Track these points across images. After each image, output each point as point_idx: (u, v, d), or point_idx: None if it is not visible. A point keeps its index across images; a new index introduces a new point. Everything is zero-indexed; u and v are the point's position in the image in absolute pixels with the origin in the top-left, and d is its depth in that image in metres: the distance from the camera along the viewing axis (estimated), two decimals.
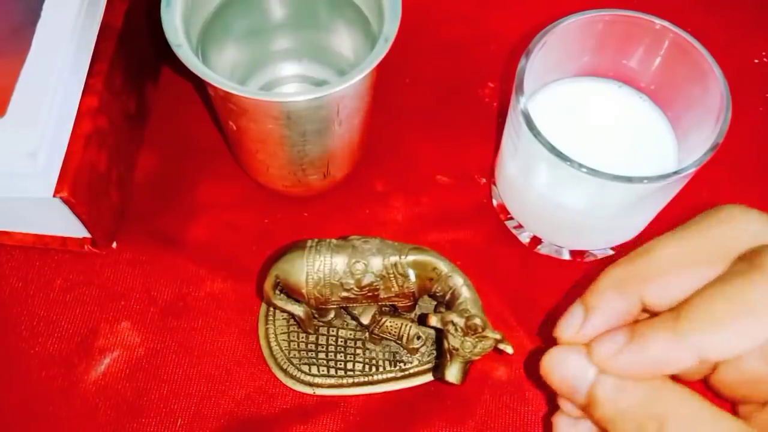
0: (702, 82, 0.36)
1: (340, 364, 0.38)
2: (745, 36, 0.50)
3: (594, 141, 0.38)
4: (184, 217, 0.43)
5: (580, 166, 0.33)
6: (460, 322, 0.33)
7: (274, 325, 0.39)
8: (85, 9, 0.38)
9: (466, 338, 0.33)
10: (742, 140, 0.43)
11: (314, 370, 0.38)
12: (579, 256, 0.42)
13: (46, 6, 0.38)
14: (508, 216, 0.42)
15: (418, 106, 0.47)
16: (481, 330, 0.32)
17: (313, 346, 0.39)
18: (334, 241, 0.35)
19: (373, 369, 0.38)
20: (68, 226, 0.40)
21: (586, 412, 0.27)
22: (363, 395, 0.38)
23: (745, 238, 0.26)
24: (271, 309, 0.39)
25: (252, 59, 0.44)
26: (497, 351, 0.33)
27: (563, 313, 0.29)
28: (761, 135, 0.46)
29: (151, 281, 0.41)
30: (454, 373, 0.33)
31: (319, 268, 0.35)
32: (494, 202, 0.44)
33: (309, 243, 0.35)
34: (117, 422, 0.38)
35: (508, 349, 0.33)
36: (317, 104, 0.35)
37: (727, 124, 0.34)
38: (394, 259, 0.35)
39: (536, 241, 0.42)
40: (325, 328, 0.39)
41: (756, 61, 0.49)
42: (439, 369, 0.35)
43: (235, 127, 0.38)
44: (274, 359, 0.38)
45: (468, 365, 0.33)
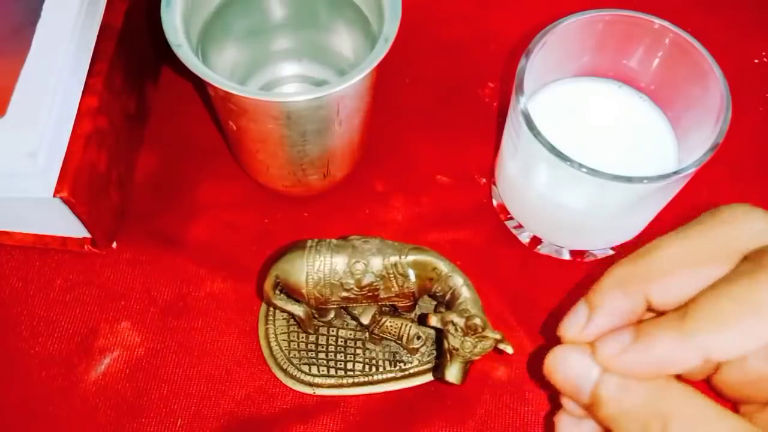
0: (702, 82, 0.36)
1: (340, 364, 0.38)
2: (745, 36, 0.50)
3: (594, 141, 0.38)
4: (184, 217, 0.43)
5: (580, 166, 0.33)
6: (460, 322, 0.33)
7: (274, 325, 0.39)
8: (85, 9, 0.38)
9: (466, 338, 0.33)
10: (742, 140, 0.43)
11: (314, 370, 0.38)
12: (579, 256, 0.42)
13: (46, 6, 0.38)
14: (508, 216, 0.42)
15: (418, 106, 0.47)
16: (481, 330, 0.32)
17: (313, 346, 0.39)
18: (334, 241, 0.35)
19: (373, 369, 0.38)
20: (68, 226, 0.40)
21: (590, 411, 0.27)
22: (363, 395, 0.38)
23: (749, 237, 0.26)
24: (271, 309, 0.39)
25: (252, 59, 0.44)
26: (497, 351, 0.33)
27: (566, 312, 0.28)
28: (761, 135, 0.46)
29: (151, 281, 0.41)
30: (454, 373, 0.33)
31: (319, 268, 0.35)
32: (494, 202, 0.44)
33: (309, 243, 0.35)
34: (117, 422, 0.38)
35: (508, 349, 0.33)
36: (317, 104, 0.35)
37: (727, 124, 0.34)
38: (394, 259, 0.35)
39: (536, 241, 0.42)
40: (325, 328, 0.39)
41: (756, 61, 0.49)
42: (439, 369, 0.35)
43: (235, 127, 0.38)
44: (274, 359, 0.38)
45: (468, 365, 0.33)
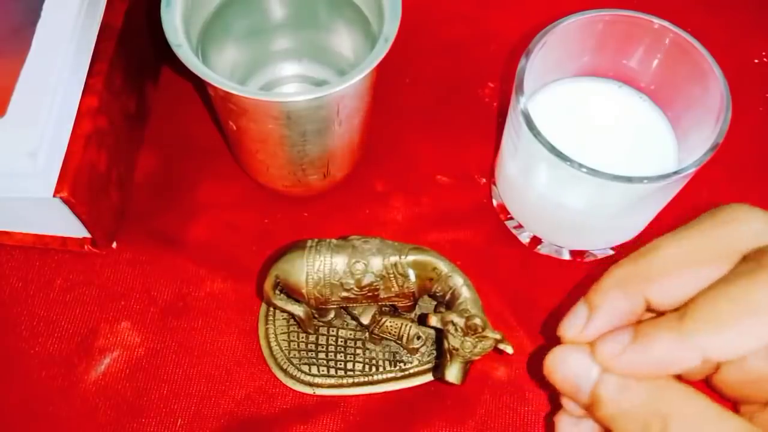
0: (702, 82, 0.36)
1: (340, 364, 0.38)
2: (745, 36, 0.50)
3: (594, 141, 0.38)
4: (184, 217, 0.43)
5: (580, 166, 0.33)
6: (460, 322, 0.33)
7: (274, 325, 0.39)
8: (85, 9, 0.38)
9: (466, 338, 0.33)
10: (742, 140, 0.43)
11: (314, 370, 0.38)
12: (579, 256, 0.42)
13: (46, 6, 0.38)
14: (508, 216, 0.42)
15: (418, 106, 0.47)
16: (481, 330, 0.32)
17: (313, 346, 0.39)
18: (334, 241, 0.35)
19: (373, 369, 0.38)
20: (68, 226, 0.40)
21: (589, 411, 0.27)
22: (363, 395, 0.38)
23: (748, 237, 0.26)
24: (271, 309, 0.39)
25: (252, 59, 0.44)
26: (497, 351, 0.33)
27: (566, 312, 0.28)
28: (761, 135, 0.46)
29: (151, 281, 0.41)
30: (454, 373, 0.33)
31: (319, 268, 0.35)
32: (494, 202, 0.44)
33: (309, 243, 0.35)
34: (117, 422, 0.38)
35: (508, 349, 0.33)
36: (317, 104, 0.35)
37: (727, 124, 0.34)
38: (394, 259, 0.35)
39: (536, 241, 0.42)
40: (325, 328, 0.39)
41: (756, 61, 0.49)
42: (439, 369, 0.35)
43: (235, 127, 0.38)
44: (274, 359, 0.38)
45: (468, 365, 0.33)
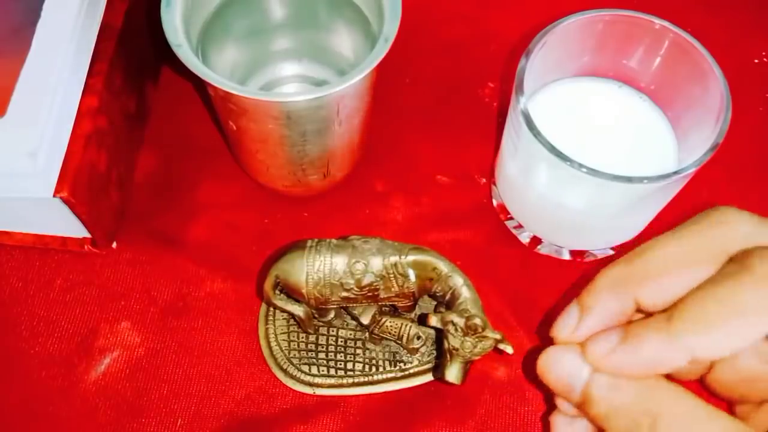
0: (702, 82, 0.36)
1: (340, 364, 0.38)
2: (745, 36, 0.50)
3: (594, 141, 0.38)
4: (184, 217, 0.43)
5: (580, 166, 0.33)
6: (460, 322, 0.33)
7: (274, 325, 0.39)
8: (85, 9, 0.38)
9: (466, 338, 0.33)
10: (742, 140, 0.43)
11: (314, 370, 0.38)
12: (579, 256, 0.42)
13: (46, 6, 0.38)
14: (508, 216, 0.42)
15: (418, 106, 0.47)
16: (481, 330, 0.32)
17: (313, 346, 0.39)
18: (334, 241, 0.35)
19: (373, 369, 0.38)
20: (68, 226, 0.40)
21: (582, 410, 0.28)
22: (363, 395, 0.38)
23: (736, 240, 0.26)
24: (271, 309, 0.39)
25: (252, 59, 0.44)
26: (497, 351, 0.33)
27: (560, 313, 0.29)
28: (761, 135, 0.46)
29: (151, 281, 0.41)
30: (454, 373, 0.33)
31: (319, 268, 0.35)
32: (494, 202, 0.44)
33: (309, 243, 0.35)
34: (117, 422, 0.38)
35: (508, 349, 0.33)
36: (317, 104, 0.35)
37: (727, 124, 0.34)
38: (394, 259, 0.35)
39: (536, 241, 0.42)
40: (325, 328, 0.39)
41: (756, 61, 0.49)
42: (439, 369, 0.35)
43: (235, 127, 0.38)
44: (274, 359, 0.38)
45: (468, 365, 0.33)
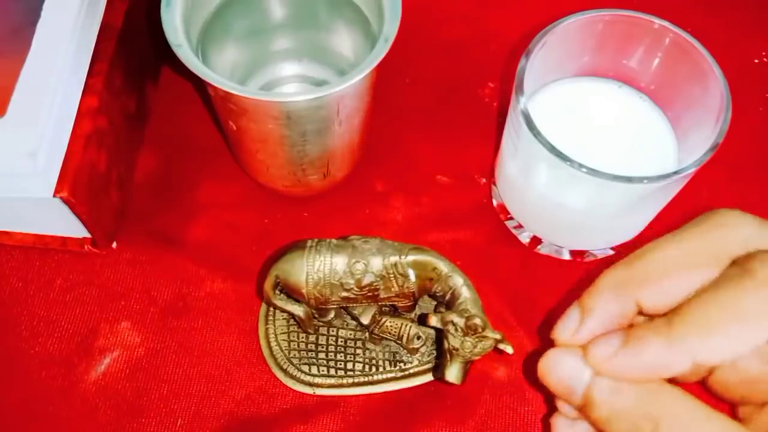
0: (702, 82, 0.36)
1: (340, 364, 0.38)
2: (745, 36, 0.50)
3: (594, 141, 0.38)
4: (184, 217, 0.43)
5: (580, 166, 0.33)
6: (460, 322, 0.33)
7: (274, 325, 0.39)
8: (85, 9, 0.38)
9: (466, 338, 0.33)
10: (742, 140, 0.43)
11: (314, 370, 0.38)
12: (579, 256, 0.42)
13: (46, 6, 0.38)
14: (508, 216, 0.42)
15: (418, 106, 0.47)
16: (481, 330, 0.32)
17: (313, 346, 0.39)
18: (334, 241, 0.35)
19: (373, 369, 0.38)
20: (68, 226, 0.40)
21: (583, 413, 0.27)
22: (363, 395, 0.38)
23: (738, 242, 0.26)
24: (271, 309, 0.39)
25: (252, 59, 0.44)
26: (497, 351, 0.33)
27: (561, 315, 0.29)
28: (761, 135, 0.46)
29: (151, 281, 0.41)
30: (454, 373, 0.33)
31: (319, 268, 0.35)
32: (494, 202, 0.44)
33: (309, 243, 0.35)
34: (117, 422, 0.38)
35: (508, 349, 0.33)
36: (317, 104, 0.35)
37: (727, 124, 0.34)
38: (394, 259, 0.35)
39: (536, 241, 0.42)
40: (325, 328, 0.39)
41: (756, 61, 0.49)
42: (439, 369, 0.35)
43: (235, 127, 0.38)
44: (274, 359, 0.38)
45: (468, 365, 0.33)
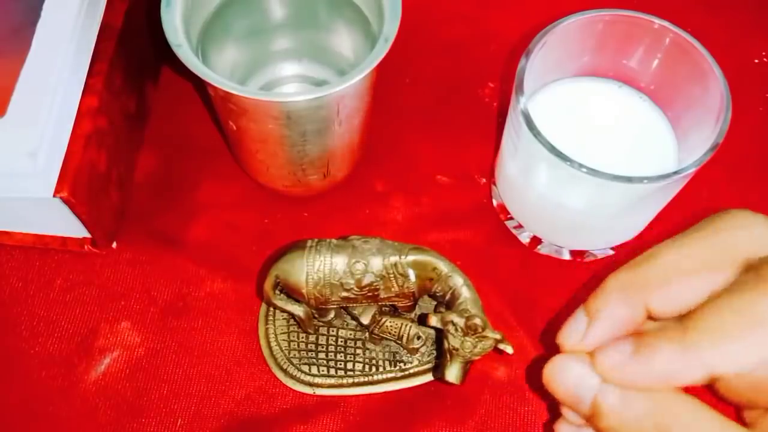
0: (702, 82, 0.36)
1: (340, 364, 0.38)
2: (745, 36, 0.50)
3: (594, 141, 0.38)
4: (184, 217, 0.43)
5: (580, 166, 0.33)
6: (460, 322, 0.33)
7: (274, 325, 0.39)
8: (85, 9, 0.38)
9: (466, 338, 0.33)
10: (742, 140, 0.43)
11: (314, 370, 0.38)
12: (579, 256, 0.42)
13: (46, 6, 0.38)
14: (508, 216, 0.42)
15: (418, 106, 0.47)
16: (481, 330, 0.32)
17: (313, 346, 0.39)
18: (334, 241, 0.35)
19: (373, 369, 0.38)
20: (68, 226, 0.40)
21: (590, 422, 0.27)
22: (363, 395, 0.38)
23: (749, 243, 0.25)
24: (271, 309, 0.39)
25: (252, 59, 0.44)
26: (497, 351, 0.33)
27: (566, 320, 0.28)
28: (761, 135, 0.46)
29: (151, 281, 0.41)
30: (454, 373, 0.33)
31: (319, 268, 0.35)
32: (494, 202, 0.44)
33: (309, 243, 0.35)
34: (117, 422, 0.38)
35: (508, 349, 0.33)
36: (317, 104, 0.35)
37: (727, 124, 0.34)
38: (394, 259, 0.35)
39: (536, 241, 0.42)
40: (325, 328, 0.39)
41: (756, 61, 0.49)
42: (439, 369, 0.35)
43: (235, 127, 0.38)
44: (274, 359, 0.38)
45: (468, 365, 0.33)
